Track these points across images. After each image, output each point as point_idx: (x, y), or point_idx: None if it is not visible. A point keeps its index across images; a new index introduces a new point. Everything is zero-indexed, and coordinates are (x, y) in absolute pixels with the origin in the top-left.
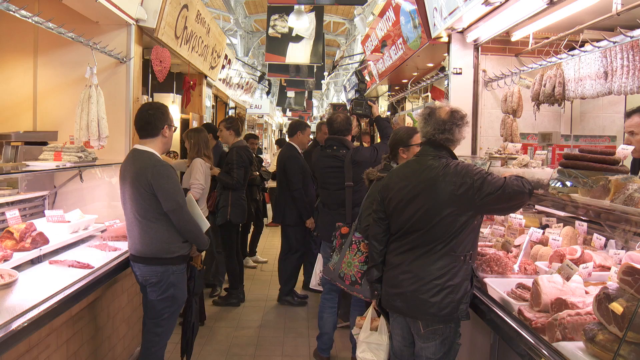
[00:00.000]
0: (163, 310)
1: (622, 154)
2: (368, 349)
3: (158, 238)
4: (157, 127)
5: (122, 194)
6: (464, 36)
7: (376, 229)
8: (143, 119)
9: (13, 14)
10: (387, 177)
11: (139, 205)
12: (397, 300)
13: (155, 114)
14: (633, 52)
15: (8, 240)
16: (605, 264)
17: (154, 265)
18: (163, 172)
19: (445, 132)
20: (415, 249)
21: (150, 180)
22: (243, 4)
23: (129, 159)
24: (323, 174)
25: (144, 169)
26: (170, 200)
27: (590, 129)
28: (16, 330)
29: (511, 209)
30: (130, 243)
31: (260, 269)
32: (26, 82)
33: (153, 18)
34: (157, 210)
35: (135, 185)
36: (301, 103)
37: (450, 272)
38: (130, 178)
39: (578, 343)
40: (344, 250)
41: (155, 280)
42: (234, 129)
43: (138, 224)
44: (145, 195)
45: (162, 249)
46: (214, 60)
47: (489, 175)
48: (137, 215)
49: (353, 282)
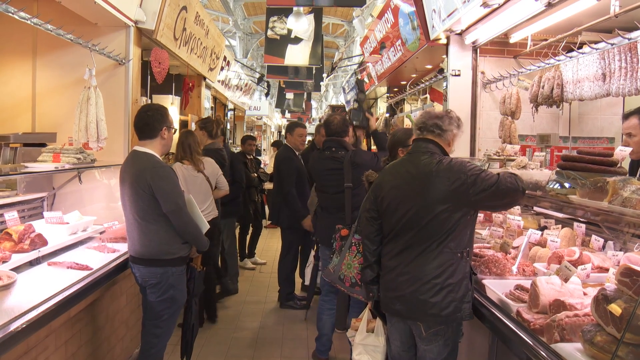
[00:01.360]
0: (162, 311)
1: (620, 155)
2: (364, 351)
3: (157, 239)
4: (155, 129)
5: (122, 195)
6: (463, 38)
7: (369, 229)
8: (142, 120)
9: (12, 15)
10: (379, 176)
11: (138, 206)
12: (397, 303)
13: (153, 116)
14: (631, 54)
15: (7, 242)
16: (603, 266)
17: (154, 266)
18: (162, 173)
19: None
20: (411, 249)
21: (149, 182)
22: (242, 5)
23: (129, 160)
24: (321, 177)
25: (143, 171)
26: (169, 201)
27: (589, 130)
28: (15, 331)
29: (505, 206)
30: (129, 244)
31: (259, 271)
32: (25, 84)
33: (152, 20)
34: (157, 211)
35: (135, 186)
36: (300, 104)
37: (448, 270)
38: (130, 179)
39: (576, 344)
40: (343, 252)
41: (155, 282)
42: (207, 130)
43: (137, 225)
44: (145, 196)
45: (161, 250)
46: (212, 62)
47: (483, 172)
48: (137, 216)
49: (353, 283)
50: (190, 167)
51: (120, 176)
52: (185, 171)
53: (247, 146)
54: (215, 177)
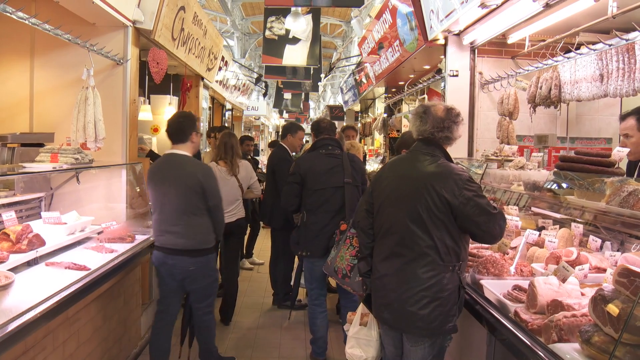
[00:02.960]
0: (211, 292)
1: (617, 156)
2: (357, 344)
3: (201, 231)
4: (186, 134)
5: (161, 194)
6: (461, 38)
7: (364, 222)
8: (175, 126)
9: (10, 15)
10: (380, 169)
11: (188, 202)
12: (385, 311)
13: (184, 122)
14: (628, 54)
15: (4, 242)
16: (601, 266)
17: (199, 256)
18: (210, 173)
19: (445, 129)
20: (399, 256)
21: (201, 180)
22: (240, 5)
23: (166, 162)
24: (319, 175)
25: (194, 172)
26: (215, 197)
27: (586, 131)
28: (12, 332)
29: (477, 237)
30: (170, 239)
31: (257, 271)
32: (23, 84)
33: (150, 20)
34: (204, 206)
35: (185, 185)
36: (298, 105)
37: (439, 283)
38: (178, 179)
39: (574, 344)
40: (339, 245)
41: (201, 269)
42: None
43: (186, 219)
44: (196, 193)
45: (203, 240)
46: (210, 62)
47: (483, 199)
48: (186, 211)
49: (344, 275)
50: (224, 170)
51: (156, 176)
52: (218, 172)
53: (245, 146)
54: (249, 181)
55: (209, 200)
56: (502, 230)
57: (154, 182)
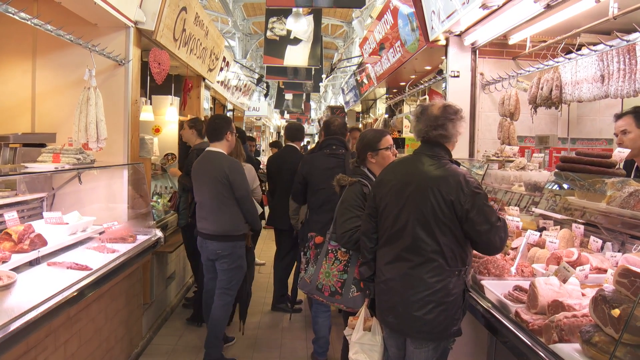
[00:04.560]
0: (232, 277)
1: (618, 156)
2: (361, 350)
3: (230, 219)
4: (222, 133)
5: (199, 186)
6: (462, 39)
7: (367, 226)
8: (212, 126)
9: (12, 16)
10: (382, 172)
11: (218, 192)
12: (389, 315)
13: (220, 123)
14: (629, 55)
15: (6, 242)
16: (601, 267)
17: (226, 241)
18: (236, 167)
19: (438, 128)
20: (405, 261)
21: (227, 173)
22: (241, 6)
23: (205, 158)
24: (321, 175)
25: (221, 165)
26: (241, 189)
27: (587, 132)
28: (14, 331)
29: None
30: (206, 225)
31: (258, 272)
32: (25, 84)
33: (152, 20)
34: (232, 196)
35: (216, 178)
36: (299, 105)
37: (445, 288)
38: (210, 173)
39: (574, 345)
40: (320, 260)
41: (228, 253)
42: (196, 128)
43: (217, 207)
44: (223, 185)
45: (232, 227)
46: (212, 63)
47: (489, 208)
48: (217, 201)
49: (333, 292)
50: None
51: (195, 171)
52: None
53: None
54: (252, 186)
55: (235, 192)
56: (502, 243)
57: (194, 175)
